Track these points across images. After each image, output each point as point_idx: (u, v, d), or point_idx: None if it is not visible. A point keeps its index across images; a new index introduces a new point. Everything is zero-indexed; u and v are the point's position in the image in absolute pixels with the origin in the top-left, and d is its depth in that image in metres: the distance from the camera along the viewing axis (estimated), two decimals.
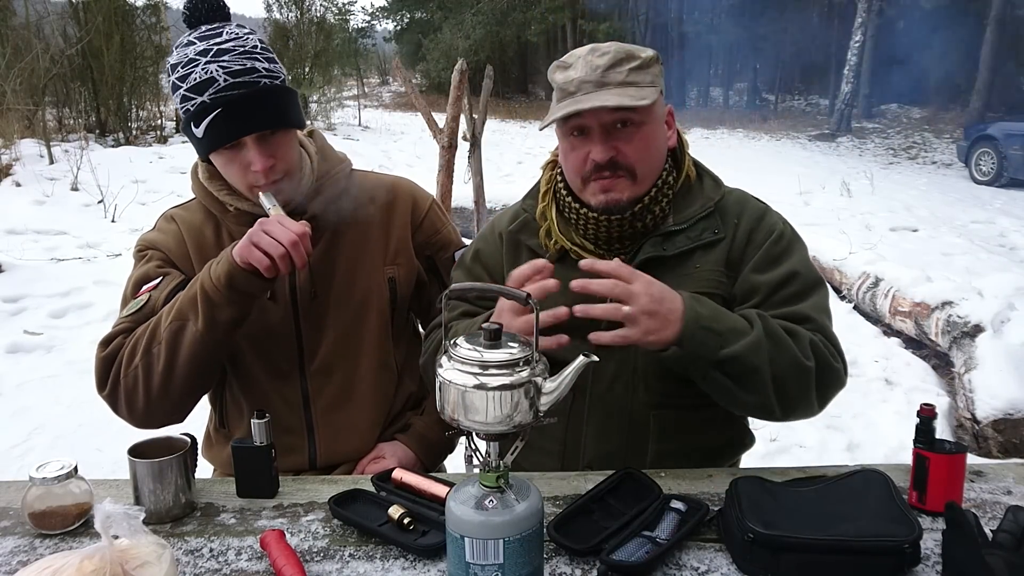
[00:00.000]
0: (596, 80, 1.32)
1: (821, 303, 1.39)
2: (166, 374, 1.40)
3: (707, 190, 1.45)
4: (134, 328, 1.44)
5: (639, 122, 1.34)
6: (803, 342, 1.28)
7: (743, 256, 1.40)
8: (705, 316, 1.22)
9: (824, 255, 5.90)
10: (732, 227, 1.42)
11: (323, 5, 20.57)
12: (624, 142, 1.35)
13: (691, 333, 1.20)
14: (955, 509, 1.03)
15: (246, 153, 1.40)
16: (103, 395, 1.45)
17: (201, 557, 1.12)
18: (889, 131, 18.67)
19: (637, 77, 1.33)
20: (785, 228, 1.45)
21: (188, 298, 1.39)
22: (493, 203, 6.88)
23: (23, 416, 3.75)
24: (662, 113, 1.41)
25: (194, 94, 1.37)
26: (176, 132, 13.47)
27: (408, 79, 7.42)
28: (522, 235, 1.50)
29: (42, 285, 5.55)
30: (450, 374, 0.93)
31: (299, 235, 1.32)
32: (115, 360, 1.43)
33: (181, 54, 1.39)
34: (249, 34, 1.43)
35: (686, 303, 1.22)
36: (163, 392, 1.41)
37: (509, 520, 0.92)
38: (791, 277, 1.37)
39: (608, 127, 1.34)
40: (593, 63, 1.33)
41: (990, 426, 3.46)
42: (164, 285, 1.47)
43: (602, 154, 1.34)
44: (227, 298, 1.36)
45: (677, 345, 1.21)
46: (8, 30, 11.80)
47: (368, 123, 19.65)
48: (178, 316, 1.39)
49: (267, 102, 1.40)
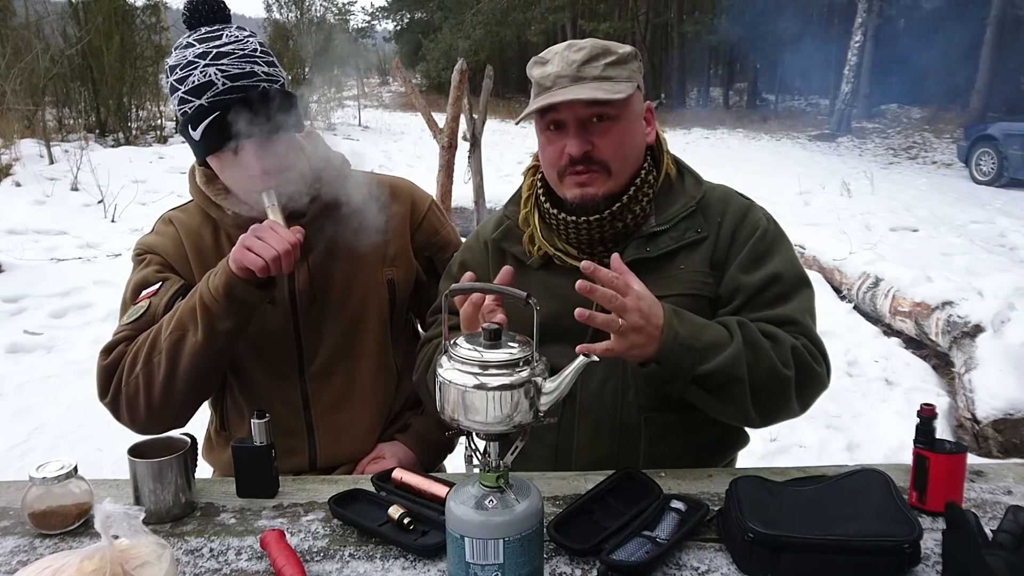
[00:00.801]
0: (572, 75, 1.33)
1: (805, 304, 1.39)
2: (167, 383, 1.40)
3: (688, 188, 1.45)
4: (135, 336, 1.44)
5: (614, 116, 1.34)
6: (784, 349, 1.28)
7: (728, 255, 1.40)
8: (683, 335, 1.22)
9: (824, 255, 5.90)
10: (716, 225, 1.41)
11: (323, 5, 20.60)
12: (599, 136, 1.35)
13: (668, 350, 1.20)
14: (955, 509, 1.03)
15: (243, 157, 1.39)
16: (105, 403, 1.46)
17: (201, 557, 1.11)
18: (889, 131, 18.66)
19: (613, 72, 1.34)
20: (769, 225, 1.44)
21: (187, 308, 1.39)
22: (493, 203, 6.88)
23: (23, 416, 3.75)
24: (639, 109, 1.41)
25: (192, 97, 1.36)
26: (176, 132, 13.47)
27: (408, 79, 7.42)
28: (505, 243, 1.50)
29: (42, 285, 5.55)
30: (450, 374, 0.93)
31: (292, 243, 1.34)
32: (117, 369, 1.43)
33: (180, 56, 1.39)
34: (249, 37, 1.43)
35: (665, 319, 1.21)
36: (164, 401, 1.41)
37: (509, 520, 0.92)
38: (775, 278, 1.37)
39: (584, 121, 1.35)
40: (569, 58, 1.34)
41: (990, 426, 3.46)
42: (163, 291, 1.47)
43: (577, 148, 1.34)
44: (226, 308, 1.36)
45: (655, 362, 1.21)
46: (8, 30, 11.81)
47: (368, 123, 19.65)
48: (178, 326, 1.39)
49: (265, 107, 1.39)
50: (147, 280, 1.49)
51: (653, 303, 1.20)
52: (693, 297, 1.37)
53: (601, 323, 1.16)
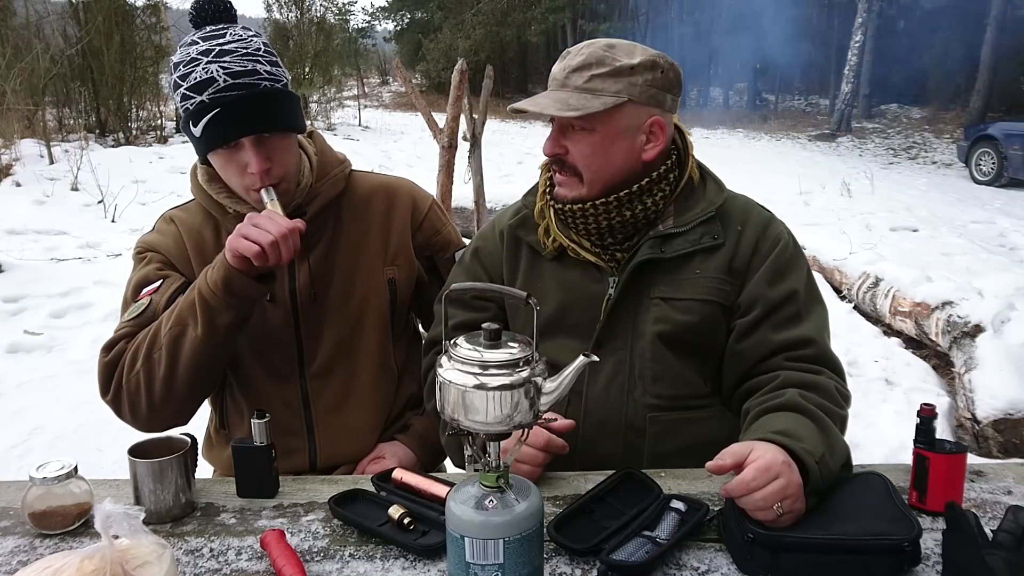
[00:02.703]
0: (560, 80, 1.34)
1: (822, 323, 1.40)
2: (168, 379, 1.39)
3: (710, 194, 1.44)
4: (135, 333, 1.44)
5: (589, 128, 1.34)
6: (832, 395, 1.30)
7: (749, 264, 1.39)
8: (828, 474, 1.15)
9: (824, 255, 5.90)
10: (735, 234, 1.41)
11: (323, 5, 20.60)
12: (573, 143, 1.36)
13: (819, 487, 1.14)
14: (955, 509, 1.03)
15: (243, 155, 1.39)
16: (106, 400, 1.45)
17: (201, 557, 1.11)
18: (889, 131, 18.66)
19: (600, 84, 1.31)
20: (790, 239, 1.44)
21: (187, 304, 1.39)
22: (493, 203, 6.88)
23: (23, 416, 3.75)
24: (631, 124, 1.34)
25: (194, 93, 1.36)
26: (176, 132, 13.47)
27: (408, 79, 7.41)
28: (521, 231, 1.50)
29: (42, 285, 5.55)
30: (450, 374, 0.93)
31: (289, 229, 1.32)
32: (117, 365, 1.43)
33: (184, 53, 1.39)
34: (253, 36, 1.43)
35: (810, 473, 1.11)
36: (165, 397, 1.41)
37: (509, 520, 0.92)
38: (793, 295, 1.37)
39: (564, 125, 1.36)
40: (569, 63, 1.35)
41: (990, 426, 3.46)
42: (164, 288, 1.47)
43: (548, 148, 1.38)
44: (225, 302, 1.36)
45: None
46: (8, 30, 11.81)
47: (368, 123, 19.66)
48: (177, 322, 1.39)
49: (266, 104, 1.39)
50: (148, 278, 1.49)
51: (772, 460, 1.09)
52: (706, 303, 1.37)
53: (781, 523, 1.07)
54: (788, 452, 1.11)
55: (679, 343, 1.38)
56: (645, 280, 1.39)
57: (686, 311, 1.37)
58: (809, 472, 1.11)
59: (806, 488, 1.10)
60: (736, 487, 1.08)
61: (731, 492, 1.09)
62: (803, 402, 1.24)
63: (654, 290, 1.39)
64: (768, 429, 1.17)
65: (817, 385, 1.30)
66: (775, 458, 1.09)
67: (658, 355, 1.38)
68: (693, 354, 1.40)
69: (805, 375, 1.31)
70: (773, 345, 1.35)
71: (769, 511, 1.05)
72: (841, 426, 1.28)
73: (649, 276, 1.39)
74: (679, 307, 1.37)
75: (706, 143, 16.88)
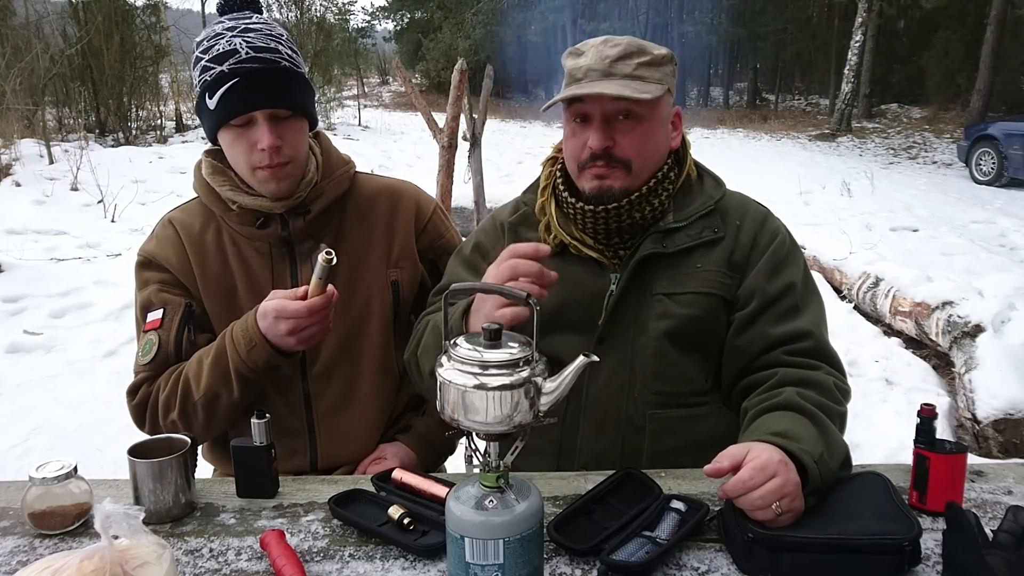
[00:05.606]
0: (603, 69, 1.33)
1: (819, 316, 1.40)
2: (207, 427, 1.49)
3: (707, 189, 1.46)
4: (155, 376, 1.49)
5: (640, 116, 1.34)
6: (831, 392, 1.30)
7: (748, 259, 1.41)
8: (827, 473, 1.14)
9: (824, 255, 5.90)
10: (734, 228, 1.42)
11: (323, 5, 20.60)
12: (622, 134, 1.35)
13: (818, 487, 1.14)
14: (955, 509, 1.03)
15: (255, 131, 1.39)
16: (145, 432, 1.51)
17: (201, 557, 1.11)
18: (889, 131, 18.67)
19: (645, 72, 1.34)
20: (787, 234, 1.46)
21: (218, 374, 1.42)
22: (493, 203, 6.88)
23: (23, 416, 3.75)
24: (667, 113, 1.41)
25: (214, 64, 1.38)
26: (176, 132, 13.48)
27: (408, 79, 7.41)
28: (522, 228, 1.51)
29: (42, 285, 5.55)
30: (450, 374, 0.93)
31: (327, 317, 1.37)
32: (147, 410, 1.50)
33: (209, 31, 1.43)
34: (278, 25, 1.48)
35: (809, 473, 1.11)
36: (205, 433, 1.52)
37: (509, 520, 0.92)
38: (790, 288, 1.38)
39: (609, 117, 1.35)
40: (603, 53, 1.34)
41: (990, 426, 3.46)
42: (168, 321, 1.49)
43: (598, 142, 1.34)
44: (264, 375, 1.44)
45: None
46: (8, 30, 11.81)
47: (368, 123, 19.65)
48: (209, 390, 1.43)
49: (286, 81, 1.41)
50: (150, 303, 1.51)
51: (778, 467, 1.08)
52: (708, 296, 1.38)
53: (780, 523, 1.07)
54: (786, 453, 1.11)
55: (682, 338, 1.38)
56: (647, 276, 1.39)
57: (688, 304, 1.38)
58: (808, 472, 1.11)
59: (805, 488, 1.10)
60: (733, 487, 1.08)
61: (729, 492, 1.09)
62: (801, 401, 1.24)
63: (656, 286, 1.39)
64: (766, 430, 1.18)
65: (815, 382, 1.30)
66: (772, 457, 1.09)
67: (661, 351, 1.38)
68: (696, 349, 1.40)
69: (803, 372, 1.31)
70: (771, 339, 1.36)
71: (767, 510, 1.05)
72: (840, 423, 1.28)
73: (651, 272, 1.39)
74: (681, 301, 1.38)
75: (706, 143, 16.88)
